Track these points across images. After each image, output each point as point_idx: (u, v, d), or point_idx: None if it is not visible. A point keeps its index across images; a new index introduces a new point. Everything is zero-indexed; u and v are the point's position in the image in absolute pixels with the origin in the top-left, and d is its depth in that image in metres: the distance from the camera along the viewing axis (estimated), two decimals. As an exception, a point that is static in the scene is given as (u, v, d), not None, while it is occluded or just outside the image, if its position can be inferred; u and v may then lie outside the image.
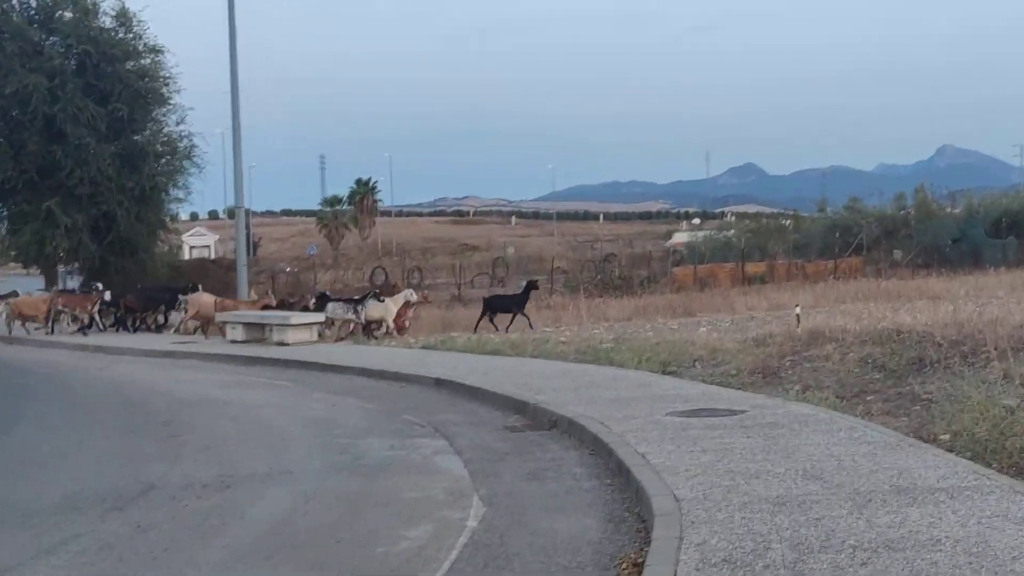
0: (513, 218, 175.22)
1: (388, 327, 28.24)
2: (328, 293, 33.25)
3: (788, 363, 16.29)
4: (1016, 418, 10.33)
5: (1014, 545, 6.75)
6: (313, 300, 31.23)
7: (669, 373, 16.83)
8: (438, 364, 19.91)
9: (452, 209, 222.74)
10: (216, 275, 43.89)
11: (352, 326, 28.83)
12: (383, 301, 29.17)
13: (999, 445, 9.77)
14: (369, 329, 28.42)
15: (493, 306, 32.37)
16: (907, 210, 61.02)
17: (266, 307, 30.35)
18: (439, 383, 17.61)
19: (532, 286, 34.09)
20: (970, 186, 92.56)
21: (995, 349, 13.50)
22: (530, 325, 29.70)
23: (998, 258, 45.38)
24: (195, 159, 45.38)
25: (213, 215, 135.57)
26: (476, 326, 30.17)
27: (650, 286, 47.61)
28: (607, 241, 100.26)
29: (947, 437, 10.52)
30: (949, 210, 61.68)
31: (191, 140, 44.98)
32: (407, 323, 29.65)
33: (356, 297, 30.70)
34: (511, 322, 30.81)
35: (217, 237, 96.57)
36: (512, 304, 32.53)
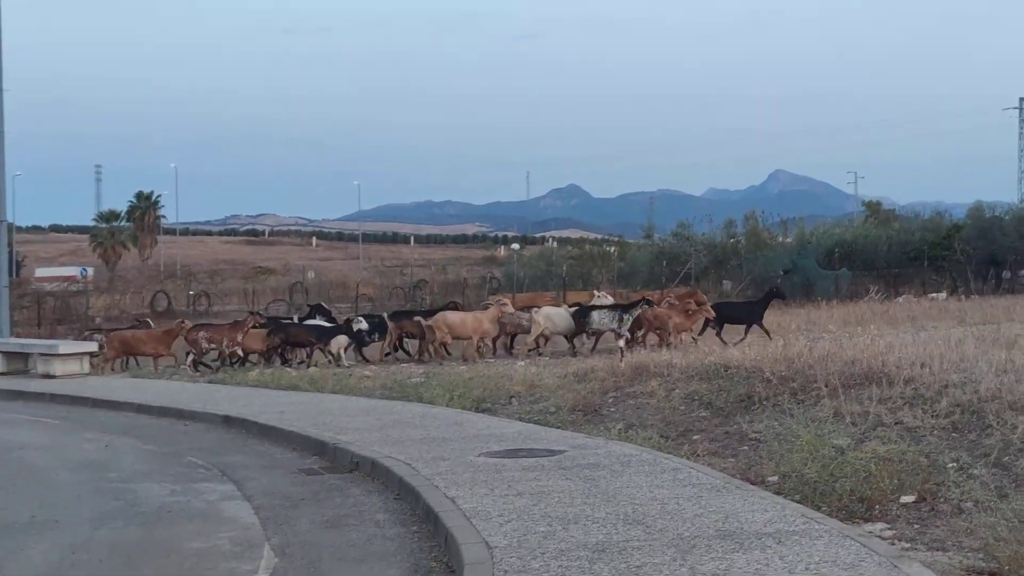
0: (314, 239, 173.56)
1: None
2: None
3: (611, 399, 16.50)
4: (846, 459, 10.69)
5: (842, 592, 6.99)
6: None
7: (483, 411, 16.87)
8: (227, 400, 19.59)
9: (245, 228, 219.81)
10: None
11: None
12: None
13: (829, 487, 10.09)
14: (633, 341, 26.68)
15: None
16: (737, 238, 62.49)
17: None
18: (228, 421, 17.31)
19: (776, 294, 32.53)
20: (803, 214, 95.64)
21: (826, 386, 13.91)
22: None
23: (831, 290, 46.82)
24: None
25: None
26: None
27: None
28: (418, 266, 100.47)
29: (776, 479, 10.81)
30: (781, 239, 63.52)
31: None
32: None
33: (623, 303, 29.35)
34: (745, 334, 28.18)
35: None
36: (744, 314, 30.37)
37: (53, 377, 24.91)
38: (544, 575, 7.57)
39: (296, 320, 31.68)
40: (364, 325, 27.57)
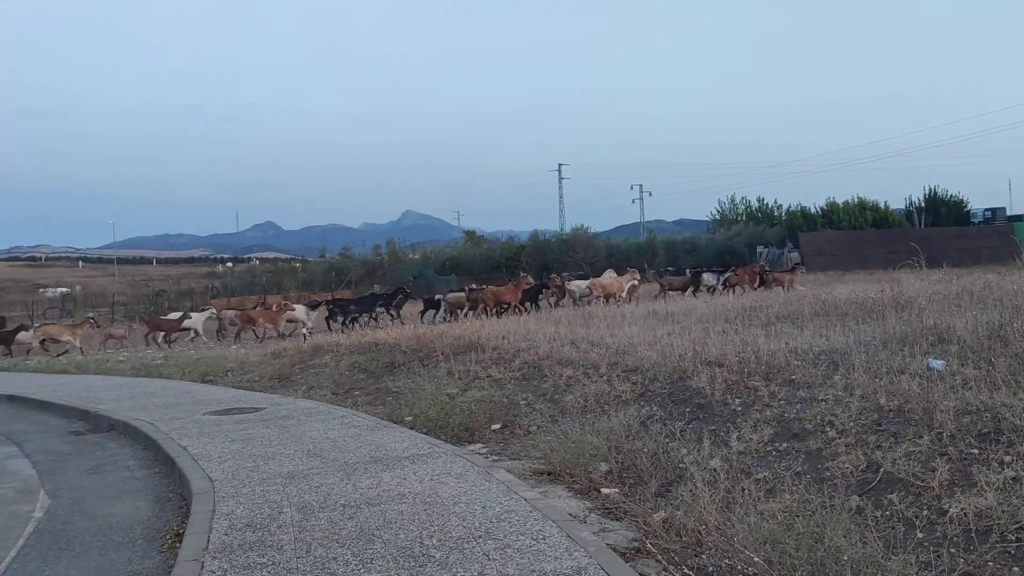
0: (80, 262, 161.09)
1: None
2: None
3: (298, 370, 16.12)
4: (456, 402, 10.81)
5: (454, 494, 7.01)
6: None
7: (207, 382, 16.13)
8: (11, 383, 17.79)
9: (26, 255, 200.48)
10: None
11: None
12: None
13: (445, 422, 10.17)
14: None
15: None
16: (382, 256, 62.77)
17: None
18: (11, 399, 15.70)
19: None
20: (425, 239, 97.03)
21: (442, 354, 14.09)
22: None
23: (445, 290, 47.71)
24: None
25: None
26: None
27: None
28: (159, 280, 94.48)
29: (410, 419, 10.81)
30: (411, 256, 64.29)
31: None
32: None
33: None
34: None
35: None
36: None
37: None
38: (251, 498, 7.21)
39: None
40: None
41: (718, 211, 68.96)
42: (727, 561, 5.18)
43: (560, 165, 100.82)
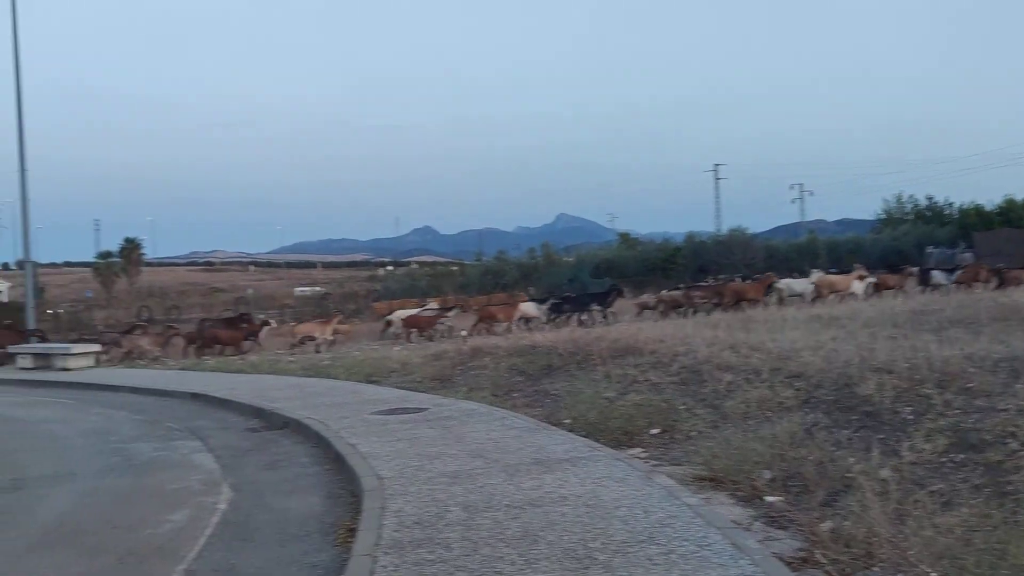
0: (251, 267, 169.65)
1: None
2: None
3: (458, 371, 16.44)
4: (614, 406, 10.83)
5: (616, 497, 7.04)
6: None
7: (372, 382, 16.64)
8: (195, 382, 18.88)
9: (203, 260, 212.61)
10: (9, 315, 40.60)
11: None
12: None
13: (604, 425, 10.20)
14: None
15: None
16: (537, 259, 63.36)
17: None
18: (195, 397, 16.68)
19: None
20: (578, 242, 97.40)
21: (599, 357, 14.11)
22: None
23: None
24: (-10, 224, 42.57)
25: (5, 266, 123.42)
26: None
27: (358, 315, 47.12)
28: (324, 283, 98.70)
29: (569, 421, 10.89)
30: (566, 259, 64.66)
31: (-15, 209, 42.30)
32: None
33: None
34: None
35: (9, 284, 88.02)
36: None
37: (69, 370, 23.69)
38: (418, 496, 7.46)
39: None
40: None
41: (884, 210, 66.22)
42: (900, 575, 5.02)
43: (716, 165, 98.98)
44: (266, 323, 32.41)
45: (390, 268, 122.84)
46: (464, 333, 26.22)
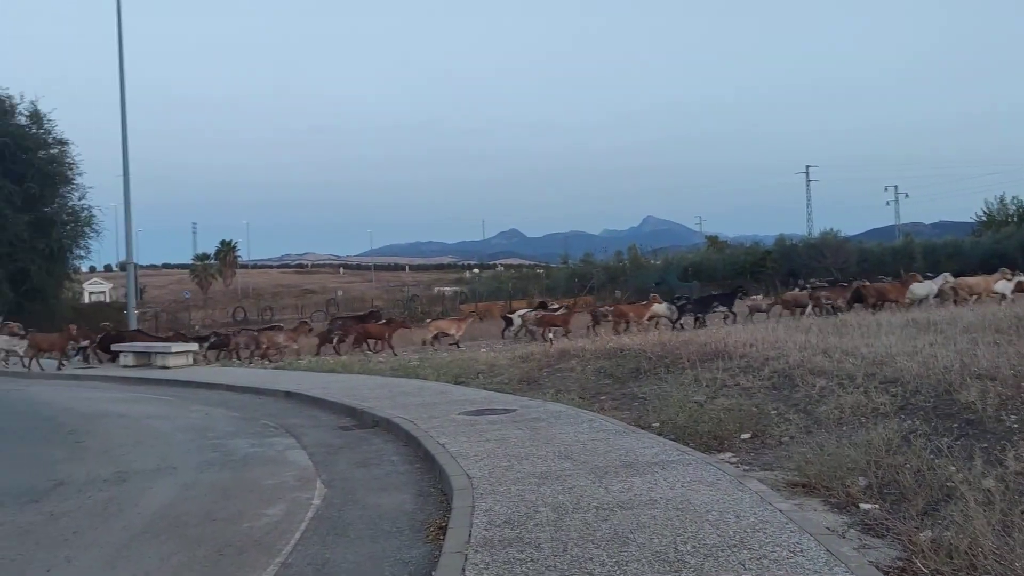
0: (341, 269, 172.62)
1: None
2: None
3: (545, 373, 16.48)
4: (704, 410, 10.72)
5: (707, 501, 6.97)
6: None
7: (460, 383, 16.79)
8: (288, 380, 19.34)
9: (295, 263, 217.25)
10: (110, 315, 42.29)
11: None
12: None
13: (693, 429, 10.11)
14: None
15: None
16: (624, 262, 63.08)
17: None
18: (288, 395, 17.09)
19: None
20: (666, 245, 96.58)
21: (687, 361, 13.99)
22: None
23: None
24: (94, 226, 44.50)
25: (108, 267, 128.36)
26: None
27: (445, 317, 47.58)
28: (412, 285, 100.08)
29: (657, 424, 10.82)
30: (652, 262, 64.17)
31: (90, 211, 44.62)
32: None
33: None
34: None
35: (111, 285, 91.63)
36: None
37: (168, 368, 24.52)
38: (507, 496, 7.50)
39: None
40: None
41: (984, 212, 63.92)
42: (1006, 588, 4.85)
43: (808, 167, 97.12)
44: (403, 323, 33.44)
45: (476, 271, 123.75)
46: (550, 336, 26.23)
